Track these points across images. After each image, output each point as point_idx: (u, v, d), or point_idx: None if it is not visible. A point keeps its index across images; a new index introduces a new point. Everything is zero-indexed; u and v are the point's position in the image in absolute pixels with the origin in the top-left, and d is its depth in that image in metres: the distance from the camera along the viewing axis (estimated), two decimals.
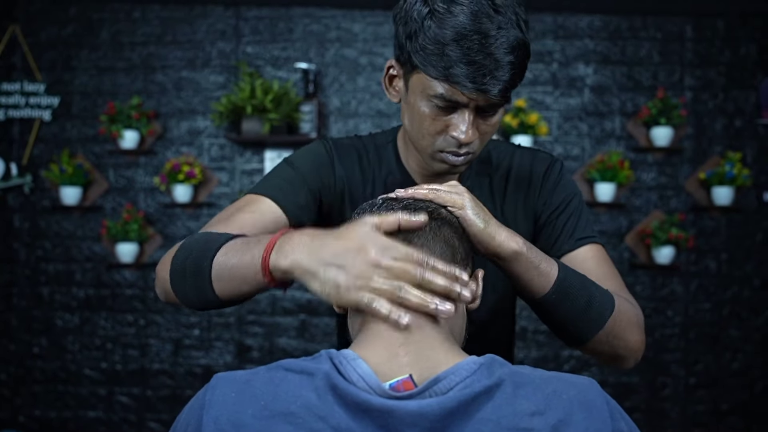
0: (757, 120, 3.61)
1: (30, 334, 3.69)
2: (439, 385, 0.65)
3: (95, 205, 3.65)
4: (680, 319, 3.61)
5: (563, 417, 0.64)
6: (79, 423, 3.65)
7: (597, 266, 1.08)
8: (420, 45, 0.92)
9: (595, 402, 0.66)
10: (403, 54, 0.97)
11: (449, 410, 0.62)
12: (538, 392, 0.65)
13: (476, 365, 0.67)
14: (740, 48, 3.62)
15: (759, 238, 3.62)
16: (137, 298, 3.66)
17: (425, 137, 1.00)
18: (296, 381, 0.66)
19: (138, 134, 3.57)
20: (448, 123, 0.97)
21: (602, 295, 0.97)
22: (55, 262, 3.69)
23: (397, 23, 0.98)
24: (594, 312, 0.95)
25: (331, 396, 0.64)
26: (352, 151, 1.17)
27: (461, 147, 0.99)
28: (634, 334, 1.02)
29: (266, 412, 0.63)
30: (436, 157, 1.02)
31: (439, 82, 0.93)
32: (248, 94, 3.36)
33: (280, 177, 1.10)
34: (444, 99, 0.94)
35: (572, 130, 3.64)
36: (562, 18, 3.63)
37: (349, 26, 3.66)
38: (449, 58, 0.90)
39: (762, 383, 3.59)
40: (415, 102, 0.98)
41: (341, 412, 0.63)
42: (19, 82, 3.65)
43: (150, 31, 3.68)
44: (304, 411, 0.63)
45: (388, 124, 3.63)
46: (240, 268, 0.85)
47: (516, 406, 0.64)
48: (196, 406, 0.68)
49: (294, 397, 0.64)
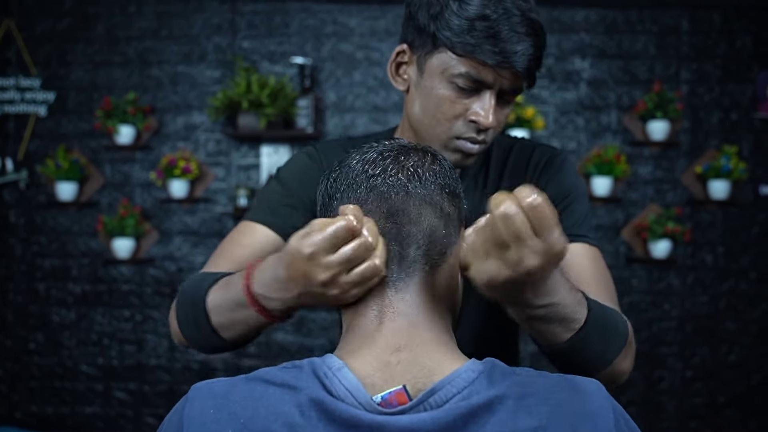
0: (753, 113, 3.61)
1: (26, 329, 3.68)
2: (434, 397, 0.61)
3: (91, 200, 3.64)
4: (677, 312, 3.62)
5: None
6: (76, 419, 3.64)
7: (591, 268, 1.02)
8: (446, 22, 0.92)
9: (600, 412, 0.62)
10: (422, 36, 0.96)
11: (444, 426, 0.58)
12: (541, 405, 0.61)
13: (475, 374, 0.63)
14: (736, 41, 3.62)
15: (755, 231, 3.62)
16: (134, 294, 3.66)
17: (441, 122, 0.97)
18: (277, 396, 0.62)
19: (134, 129, 3.56)
20: (468, 106, 0.96)
21: (618, 335, 0.88)
22: (51, 258, 3.68)
23: (415, 6, 0.97)
24: (601, 357, 0.87)
25: (315, 413, 0.60)
26: (342, 153, 1.13)
27: (479, 133, 0.97)
28: (629, 359, 0.94)
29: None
30: (450, 146, 0.99)
31: (465, 60, 0.92)
32: (244, 89, 3.35)
33: (271, 198, 1.09)
34: (469, 78, 0.93)
35: (569, 124, 3.64)
36: (558, 12, 3.63)
37: (345, 21, 3.66)
38: (478, 33, 0.90)
39: (758, 376, 3.60)
40: (432, 85, 0.96)
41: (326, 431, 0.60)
42: (14, 77, 3.63)
43: (146, 26, 3.66)
44: (286, 430, 0.59)
45: (385, 118, 3.63)
46: (237, 312, 0.86)
47: (517, 422, 0.60)
48: (175, 421, 0.65)
49: (275, 415, 0.60)
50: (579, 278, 0.98)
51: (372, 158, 0.75)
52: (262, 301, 0.81)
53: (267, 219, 1.06)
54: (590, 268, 1.02)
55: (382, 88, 3.64)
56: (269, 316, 0.82)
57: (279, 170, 1.14)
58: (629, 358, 0.94)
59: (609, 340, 0.87)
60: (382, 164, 0.74)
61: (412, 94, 1.02)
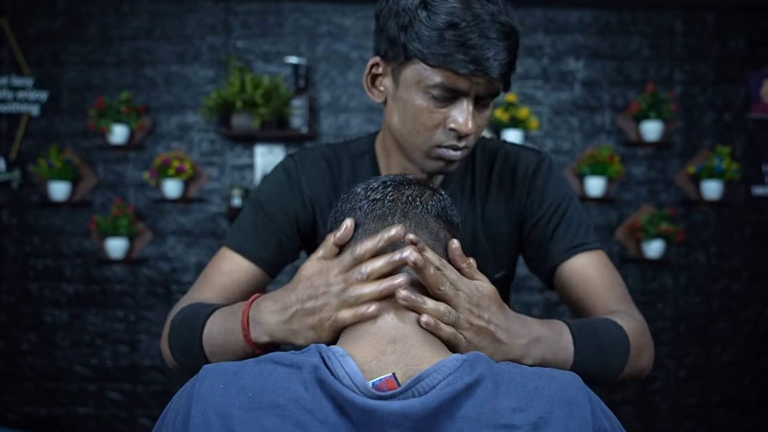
0: (746, 114, 3.63)
1: (19, 330, 3.66)
2: (421, 384, 0.65)
3: (84, 200, 3.63)
4: (670, 312, 3.63)
5: (544, 414, 0.63)
6: (69, 419, 3.63)
7: (597, 276, 1.04)
8: (416, 34, 0.90)
9: (577, 399, 0.66)
10: (394, 47, 0.94)
11: (431, 410, 0.62)
12: (519, 389, 0.65)
13: (459, 362, 0.67)
14: (729, 42, 3.63)
15: (748, 231, 3.64)
16: (127, 294, 3.64)
17: (421, 133, 0.97)
18: (285, 374, 0.66)
19: (127, 129, 3.55)
20: (446, 115, 0.95)
21: (615, 350, 0.92)
22: (44, 258, 3.66)
23: (384, 17, 0.95)
24: (609, 370, 0.92)
25: (318, 389, 0.64)
26: (321, 163, 1.13)
27: (460, 140, 0.97)
28: (646, 356, 0.98)
29: (254, 404, 0.63)
30: (432, 154, 0.98)
31: (438, 70, 0.91)
32: (238, 89, 3.34)
33: (249, 225, 1.11)
34: (443, 88, 0.92)
35: (563, 125, 3.65)
36: (553, 12, 3.64)
37: (339, 21, 3.65)
38: (448, 43, 0.88)
39: (751, 375, 3.62)
40: (408, 96, 0.95)
41: (328, 406, 0.63)
42: (7, 77, 3.62)
43: (139, 25, 3.65)
44: (292, 404, 0.63)
45: (379, 119, 3.63)
46: (229, 347, 0.90)
47: (497, 403, 0.63)
48: (184, 397, 0.68)
49: (282, 390, 0.64)
50: (588, 291, 1.01)
51: (375, 186, 0.84)
52: (251, 325, 0.86)
53: (244, 248, 1.09)
54: (595, 276, 1.04)
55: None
56: (251, 342, 0.86)
57: (257, 193, 1.14)
58: (645, 355, 0.97)
59: (607, 353, 0.90)
60: (383, 191, 0.82)
61: (390, 105, 1.01)
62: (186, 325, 0.98)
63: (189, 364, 0.98)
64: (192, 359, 0.97)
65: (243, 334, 0.86)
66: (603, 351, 0.90)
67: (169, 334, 1.01)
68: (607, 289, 1.02)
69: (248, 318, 0.86)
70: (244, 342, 0.87)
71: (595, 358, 0.88)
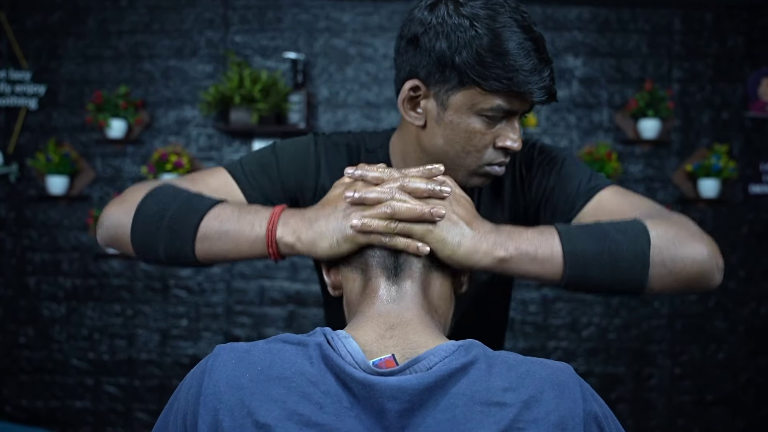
0: (744, 113, 3.63)
1: (16, 324, 3.67)
2: (419, 365, 0.69)
3: (82, 194, 3.63)
4: (666, 310, 3.64)
5: (534, 394, 0.67)
6: (66, 413, 3.64)
7: (619, 204, 0.99)
8: (475, 59, 0.89)
9: (568, 383, 0.69)
10: (445, 72, 0.92)
11: (427, 385, 0.66)
12: (512, 371, 0.69)
13: (455, 347, 0.71)
14: (728, 40, 3.63)
15: (745, 230, 3.64)
16: (125, 288, 3.65)
17: (471, 154, 0.97)
18: (292, 351, 0.71)
19: (125, 123, 3.54)
20: (496, 134, 0.96)
21: (627, 234, 0.86)
22: (41, 252, 3.67)
23: (431, 41, 0.92)
24: (628, 257, 0.84)
25: (323, 364, 0.69)
26: (344, 151, 1.12)
27: (506, 155, 0.99)
28: (694, 245, 0.89)
29: (262, 377, 0.68)
30: (480, 172, 1.00)
31: (497, 95, 0.91)
32: (236, 84, 3.34)
33: (259, 162, 1.09)
34: (501, 110, 0.93)
35: (560, 122, 3.65)
36: (551, 9, 3.64)
37: (338, 16, 3.65)
38: (514, 67, 0.89)
39: (747, 374, 3.63)
40: (460, 120, 0.95)
41: (332, 379, 0.68)
42: (5, 70, 3.61)
43: (137, 20, 3.65)
44: (298, 376, 0.68)
45: (378, 114, 3.63)
46: (235, 235, 0.89)
47: (490, 382, 0.67)
48: (198, 372, 0.72)
49: (289, 364, 0.69)
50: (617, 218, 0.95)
51: None
52: (280, 224, 0.87)
53: (243, 180, 1.06)
54: (618, 205, 1.00)
55: (374, 84, 3.63)
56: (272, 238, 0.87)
57: (281, 143, 1.13)
58: (689, 247, 0.88)
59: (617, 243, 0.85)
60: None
61: (432, 127, 0.99)
62: (178, 201, 0.93)
63: (152, 242, 0.93)
64: (167, 235, 0.92)
65: (267, 228, 0.87)
66: (603, 236, 0.85)
67: (147, 201, 0.95)
68: (637, 208, 0.97)
69: (279, 217, 0.88)
70: (261, 237, 0.87)
71: (595, 244, 0.84)
